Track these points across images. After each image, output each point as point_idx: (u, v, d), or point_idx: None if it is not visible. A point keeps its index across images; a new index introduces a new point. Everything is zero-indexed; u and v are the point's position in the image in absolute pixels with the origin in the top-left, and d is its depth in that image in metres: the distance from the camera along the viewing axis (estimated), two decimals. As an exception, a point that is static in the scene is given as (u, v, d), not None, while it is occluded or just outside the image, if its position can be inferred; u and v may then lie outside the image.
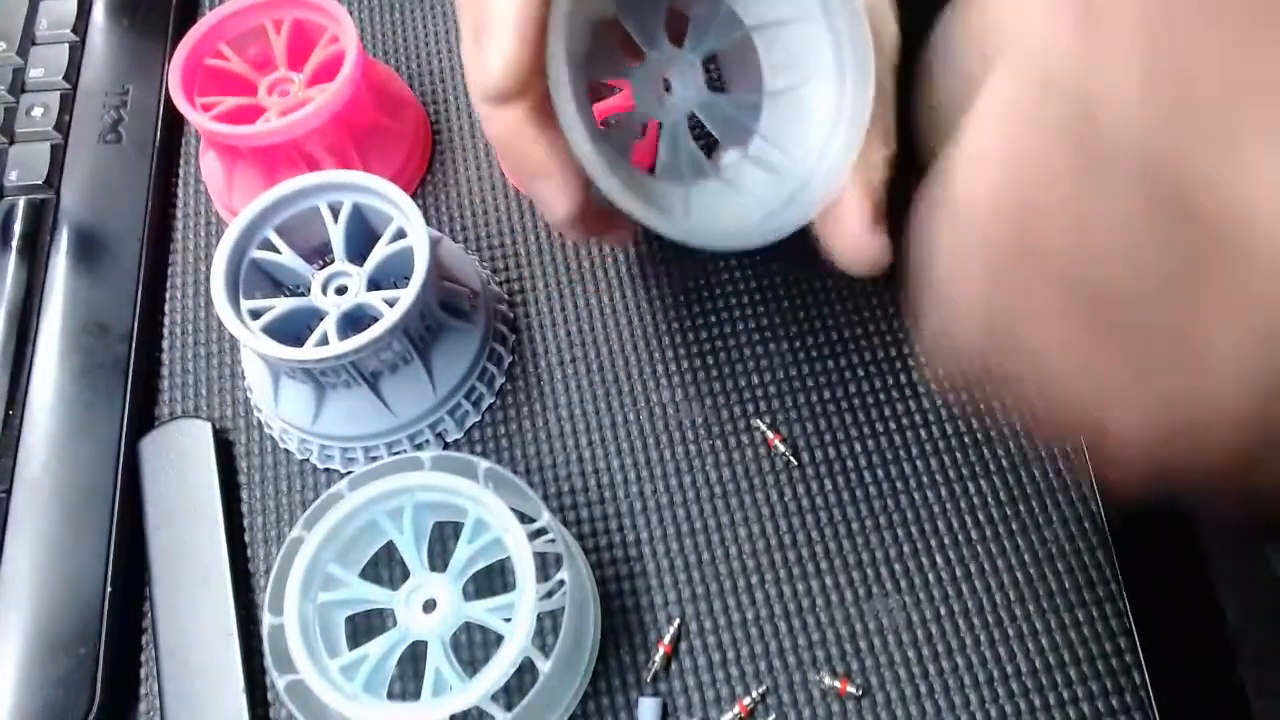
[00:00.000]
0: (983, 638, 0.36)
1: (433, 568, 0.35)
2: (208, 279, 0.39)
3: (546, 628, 0.36)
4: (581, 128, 0.29)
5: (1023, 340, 0.21)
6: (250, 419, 0.42)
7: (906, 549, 0.37)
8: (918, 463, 0.39)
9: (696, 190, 0.34)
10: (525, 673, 0.34)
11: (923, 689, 0.35)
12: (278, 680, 0.32)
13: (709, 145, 0.37)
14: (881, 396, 0.40)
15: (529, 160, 0.30)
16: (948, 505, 0.38)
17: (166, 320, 0.44)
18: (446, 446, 0.40)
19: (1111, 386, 0.20)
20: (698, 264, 0.43)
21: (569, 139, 0.29)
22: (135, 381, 0.42)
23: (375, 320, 0.36)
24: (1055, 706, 0.35)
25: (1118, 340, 0.19)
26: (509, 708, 0.32)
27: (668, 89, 0.34)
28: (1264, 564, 0.37)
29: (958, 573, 0.37)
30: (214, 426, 0.41)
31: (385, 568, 0.38)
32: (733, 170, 0.35)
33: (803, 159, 0.33)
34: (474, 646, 0.37)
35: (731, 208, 0.34)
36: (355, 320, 0.38)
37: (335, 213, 0.39)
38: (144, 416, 0.42)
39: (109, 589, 0.37)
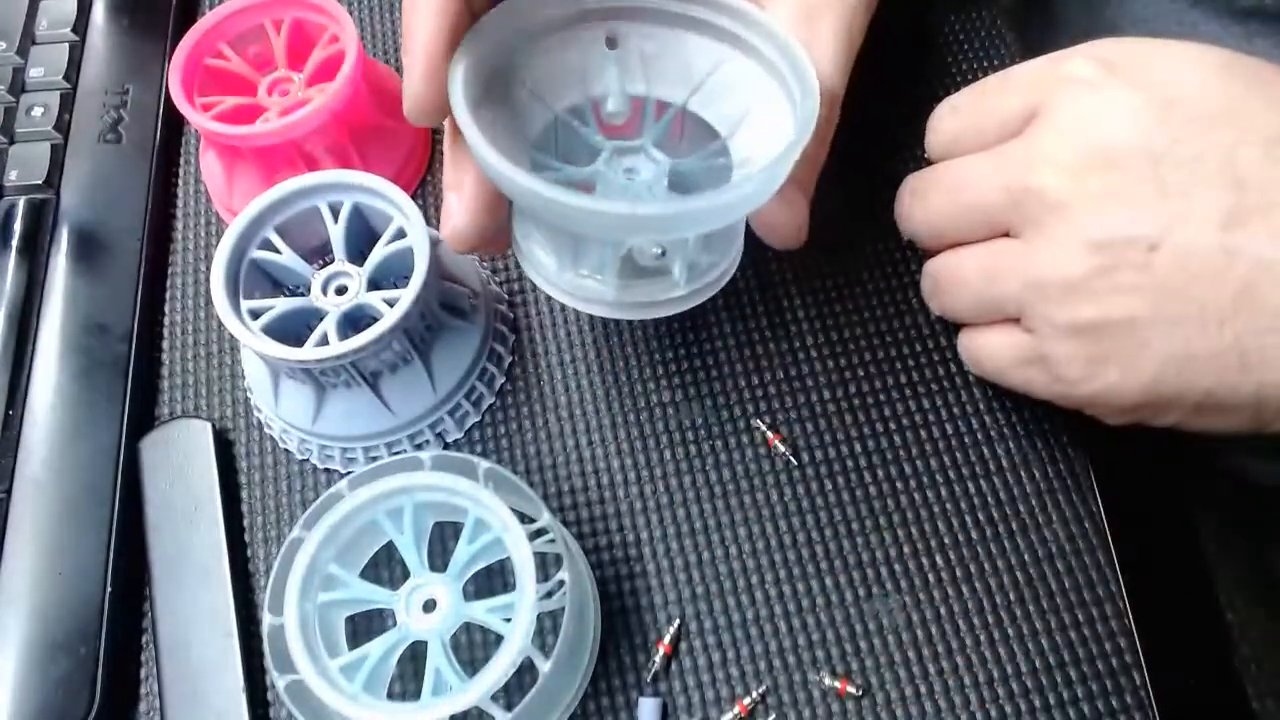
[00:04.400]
0: (983, 638, 0.36)
1: (433, 568, 0.35)
2: (208, 279, 0.39)
3: (546, 628, 0.36)
4: (485, 145, 0.29)
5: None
6: (250, 419, 0.42)
7: (906, 549, 0.37)
8: (918, 463, 0.39)
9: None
10: (525, 673, 0.34)
11: (923, 689, 0.35)
12: (278, 680, 0.32)
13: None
14: (881, 397, 0.40)
15: (445, 178, 0.34)
16: (948, 505, 0.38)
17: (166, 320, 0.44)
18: (446, 446, 0.40)
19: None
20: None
21: (479, 158, 0.29)
22: (135, 381, 0.42)
23: (375, 320, 0.36)
24: (1055, 706, 0.35)
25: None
26: (509, 708, 0.32)
27: (629, 174, 0.34)
28: (1264, 564, 0.37)
29: (958, 573, 0.37)
30: (214, 426, 0.41)
31: (385, 568, 0.38)
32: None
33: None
34: (474, 646, 0.37)
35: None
36: (355, 320, 0.38)
37: (335, 213, 0.39)
38: (144, 416, 0.42)
39: (109, 589, 0.37)
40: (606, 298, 0.33)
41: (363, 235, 0.40)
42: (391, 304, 0.37)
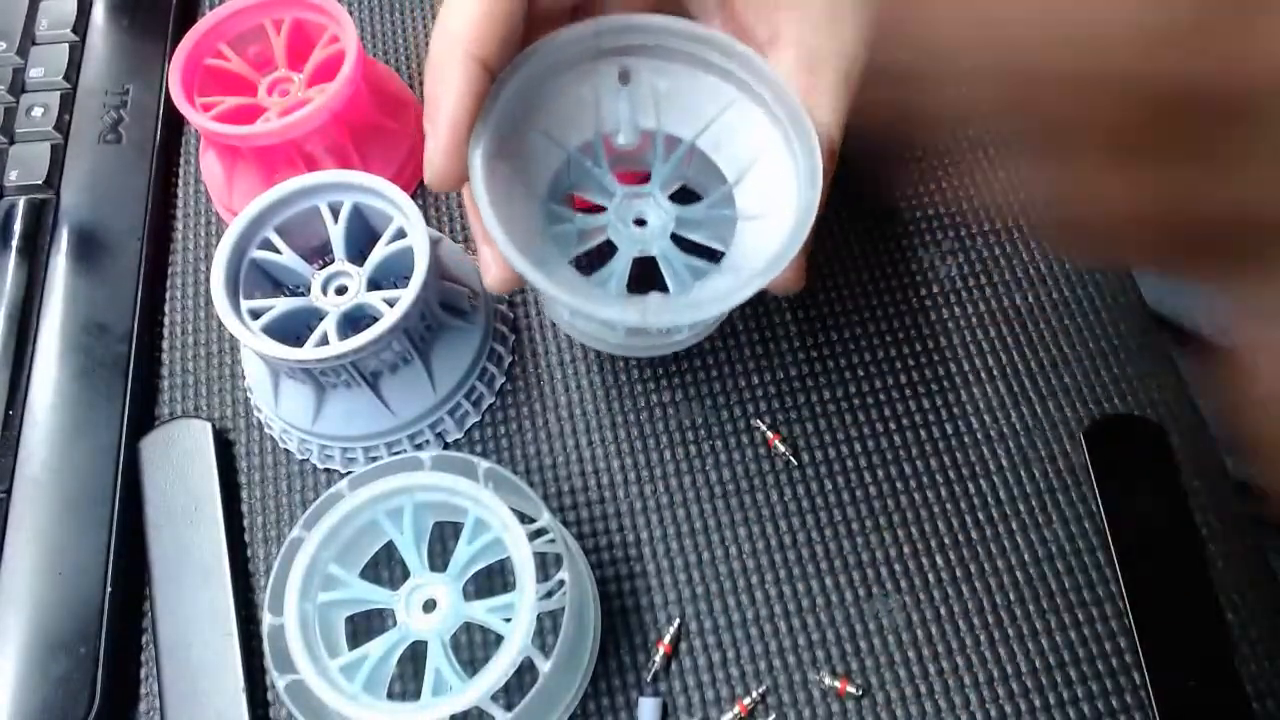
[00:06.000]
0: (983, 638, 0.36)
1: (433, 568, 0.35)
2: (208, 279, 0.39)
3: (546, 628, 0.36)
4: (501, 233, 0.30)
5: None
6: (250, 419, 0.42)
7: (906, 549, 0.37)
8: (918, 463, 0.39)
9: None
10: (525, 673, 0.34)
11: (923, 689, 0.35)
12: (278, 680, 0.32)
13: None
14: (881, 397, 0.40)
15: (473, 230, 0.35)
16: (948, 505, 0.38)
17: (166, 320, 0.44)
18: (446, 446, 0.40)
19: None
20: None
21: (495, 240, 0.30)
22: (135, 381, 0.42)
23: (375, 320, 0.36)
24: (1055, 706, 0.35)
25: None
26: (509, 708, 0.32)
27: (639, 222, 0.35)
28: (1264, 564, 0.37)
29: (958, 573, 0.37)
30: (214, 426, 0.41)
31: (385, 568, 0.38)
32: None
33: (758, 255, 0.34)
34: (474, 646, 0.37)
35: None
36: (355, 320, 0.38)
37: (335, 213, 0.39)
38: (144, 416, 0.42)
39: (109, 589, 0.37)
40: (615, 342, 0.36)
41: (363, 235, 0.40)
42: (391, 304, 0.37)
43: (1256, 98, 0.19)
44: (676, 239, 0.35)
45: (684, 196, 0.36)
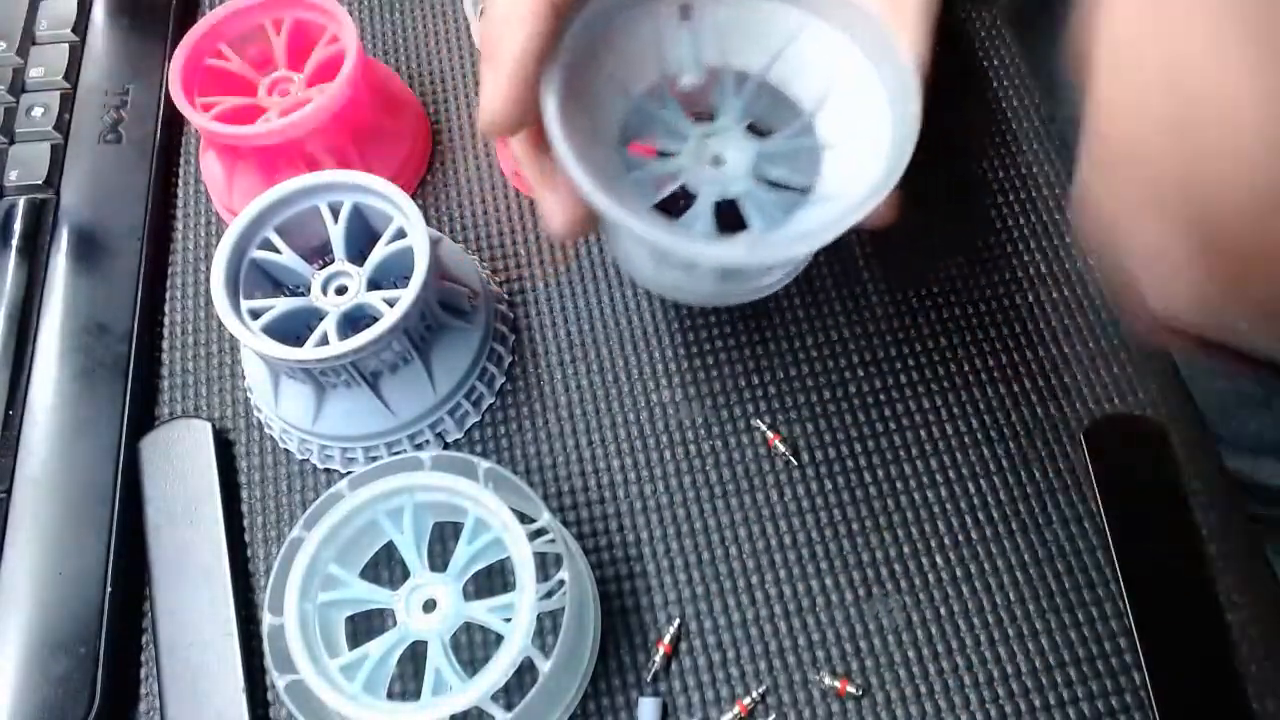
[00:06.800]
0: (983, 638, 0.36)
1: (433, 568, 0.35)
2: (208, 279, 0.39)
3: (546, 628, 0.36)
4: (581, 171, 0.28)
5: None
6: (250, 419, 0.42)
7: (906, 549, 0.37)
8: (918, 463, 0.39)
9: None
10: (525, 673, 0.34)
11: (923, 689, 0.35)
12: (278, 680, 0.32)
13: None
14: (881, 396, 0.40)
15: (530, 177, 0.33)
16: (948, 505, 0.38)
17: (166, 320, 0.44)
18: (446, 446, 0.40)
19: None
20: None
21: (576, 179, 0.29)
22: (135, 381, 0.42)
23: (375, 320, 0.36)
24: (1055, 706, 0.35)
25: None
26: (509, 708, 0.32)
27: (716, 163, 0.33)
28: (1264, 564, 0.37)
29: (958, 573, 0.37)
30: (214, 426, 0.41)
31: (385, 568, 0.38)
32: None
33: (848, 185, 0.32)
34: (474, 646, 0.37)
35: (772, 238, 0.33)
36: (355, 320, 0.38)
37: (335, 213, 0.39)
38: (144, 416, 0.42)
39: (109, 589, 0.37)
40: (703, 291, 0.34)
41: (363, 235, 0.40)
42: (391, 304, 0.37)
43: None
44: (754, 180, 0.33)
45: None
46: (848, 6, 0.32)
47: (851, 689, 0.35)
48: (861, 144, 0.32)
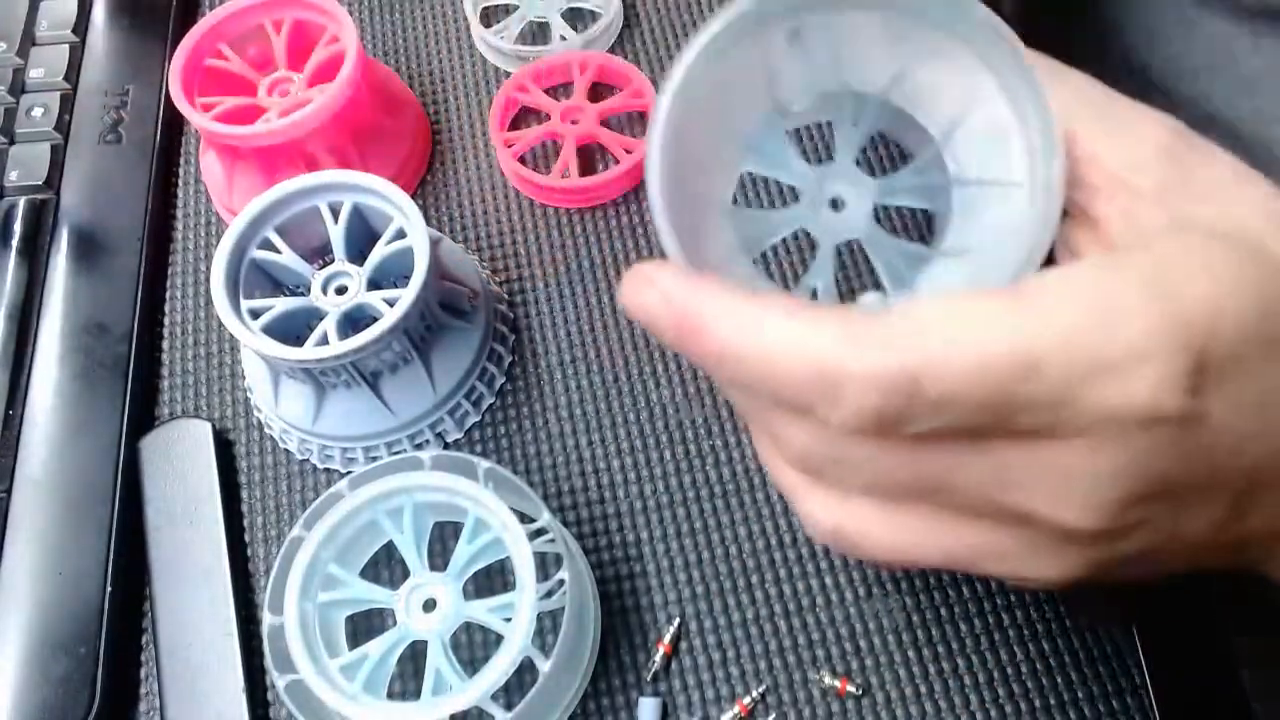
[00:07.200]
0: (983, 638, 0.36)
1: (433, 568, 0.35)
2: (208, 279, 0.39)
3: (546, 628, 0.36)
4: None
5: None
6: (250, 419, 0.42)
7: (906, 549, 0.37)
8: (918, 463, 0.39)
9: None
10: (525, 673, 0.34)
11: (923, 689, 0.35)
12: (278, 680, 0.32)
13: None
14: (881, 396, 0.40)
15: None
16: (948, 505, 0.38)
17: (166, 320, 0.44)
18: (446, 446, 0.40)
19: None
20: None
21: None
22: (135, 381, 0.42)
23: (375, 320, 0.36)
24: (1055, 706, 0.35)
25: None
26: (509, 708, 0.32)
27: (836, 206, 0.30)
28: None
29: (958, 573, 0.37)
30: (214, 426, 0.41)
31: (385, 568, 0.38)
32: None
33: (992, 241, 0.28)
34: (474, 646, 0.37)
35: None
36: (355, 320, 0.38)
37: (335, 213, 0.39)
38: (144, 416, 0.42)
39: (109, 589, 0.37)
40: None
41: (363, 235, 0.40)
42: (391, 304, 0.37)
43: None
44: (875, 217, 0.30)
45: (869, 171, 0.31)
46: (977, 23, 0.27)
47: (851, 688, 0.35)
48: (1000, 186, 0.28)
